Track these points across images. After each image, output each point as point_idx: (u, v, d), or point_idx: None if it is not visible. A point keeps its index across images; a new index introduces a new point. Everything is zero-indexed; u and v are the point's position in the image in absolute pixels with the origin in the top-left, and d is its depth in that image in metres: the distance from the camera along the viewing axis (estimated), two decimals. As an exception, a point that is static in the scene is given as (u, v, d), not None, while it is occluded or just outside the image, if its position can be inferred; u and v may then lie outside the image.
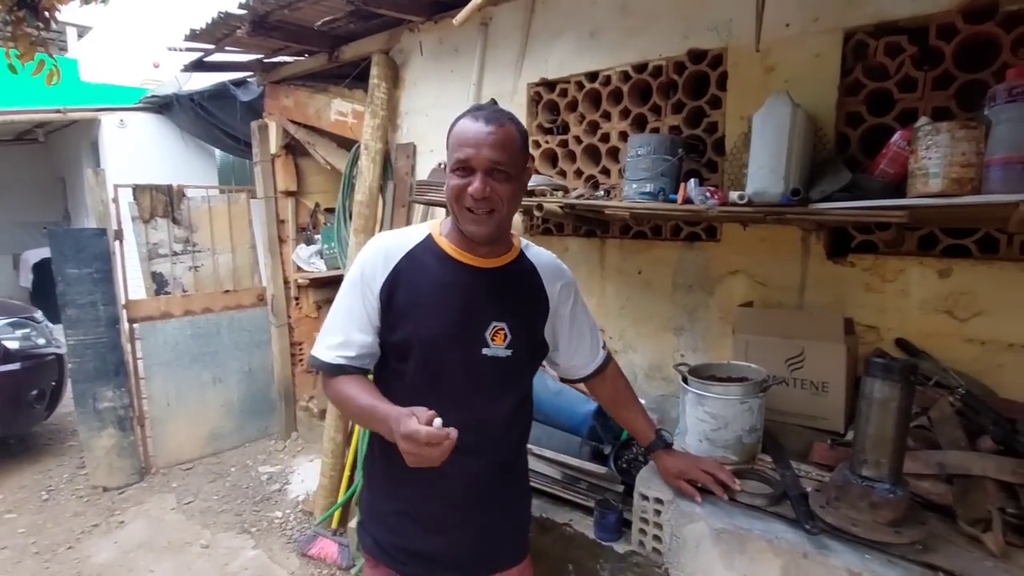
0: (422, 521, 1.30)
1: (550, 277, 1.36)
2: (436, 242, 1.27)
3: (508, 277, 1.30)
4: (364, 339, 1.24)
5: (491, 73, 2.62)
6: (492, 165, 1.15)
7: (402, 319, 1.22)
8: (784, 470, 1.49)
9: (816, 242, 1.83)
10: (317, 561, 2.79)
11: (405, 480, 1.29)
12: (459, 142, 1.17)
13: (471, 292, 1.25)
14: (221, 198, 4.19)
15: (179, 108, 5.66)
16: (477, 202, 1.16)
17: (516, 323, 1.27)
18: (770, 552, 1.31)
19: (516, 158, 1.19)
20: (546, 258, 1.39)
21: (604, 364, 1.52)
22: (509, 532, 1.41)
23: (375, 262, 1.24)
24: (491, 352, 1.24)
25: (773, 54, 1.83)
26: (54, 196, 8.98)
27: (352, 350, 1.24)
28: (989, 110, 1.25)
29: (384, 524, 1.34)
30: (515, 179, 1.20)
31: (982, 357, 1.58)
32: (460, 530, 1.31)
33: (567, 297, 1.38)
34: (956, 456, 1.34)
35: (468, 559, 1.33)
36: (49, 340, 4.09)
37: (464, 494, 1.29)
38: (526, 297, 1.32)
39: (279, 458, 4.01)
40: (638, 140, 1.82)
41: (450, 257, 1.25)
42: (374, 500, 1.38)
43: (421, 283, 1.23)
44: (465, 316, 1.23)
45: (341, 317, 1.26)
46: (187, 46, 3.46)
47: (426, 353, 1.22)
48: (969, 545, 1.21)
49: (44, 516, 3.27)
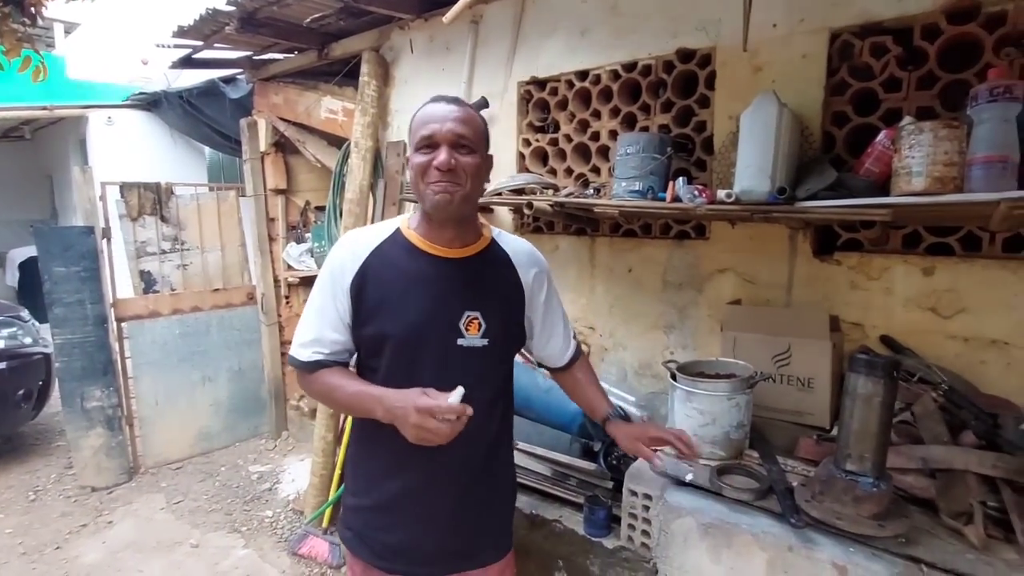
0: (403, 516, 1.30)
1: (524, 264, 1.35)
2: (404, 235, 1.27)
3: (480, 266, 1.29)
4: (337, 337, 1.25)
5: (481, 71, 2.62)
6: (456, 139, 1.16)
7: (373, 314, 1.22)
8: (771, 465, 1.51)
9: (803, 240, 1.85)
10: (308, 560, 2.78)
11: (386, 475, 1.29)
12: (423, 121, 1.19)
13: (442, 282, 1.25)
14: (210, 196, 4.16)
15: (168, 105, 5.62)
16: (443, 174, 1.16)
17: (491, 312, 1.27)
18: (756, 546, 1.33)
19: (479, 137, 1.21)
20: (519, 245, 1.38)
21: (575, 356, 1.51)
22: (491, 526, 1.40)
23: (343, 261, 1.24)
24: (467, 342, 1.24)
25: (761, 54, 1.84)
26: (41, 194, 8.88)
27: (326, 347, 1.25)
28: (971, 110, 1.27)
29: (365, 520, 1.33)
30: (479, 155, 1.21)
31: (965, 353, 1.61)
32: (441, 525, 1.31)
33: (541, 285, 1.38)
34: (939, 451, 1.36)
35: (450, 554, 1.33)
36: (36, 339, 4.04)
37: (445, 489, 1.29)
38: (500, 285, 1.32)
39: (269, 457, 3.99)
40: (628, 139, 1.83)
41: (419, 249, 1.25)
42: (355, 496, 1.37)
43: (390, 277, 1.23)
44: (437, 307, 1.23)
45: (313, 317, 1.26)
46: (175, 43, 3.43)
47: (400, 347, 1.22)
48: (951, 538, 1.24)
49: (31, 516, 3.24)
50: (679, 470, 1.52)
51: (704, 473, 1.49)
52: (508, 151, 2.56)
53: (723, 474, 1.47)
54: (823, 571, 1.23)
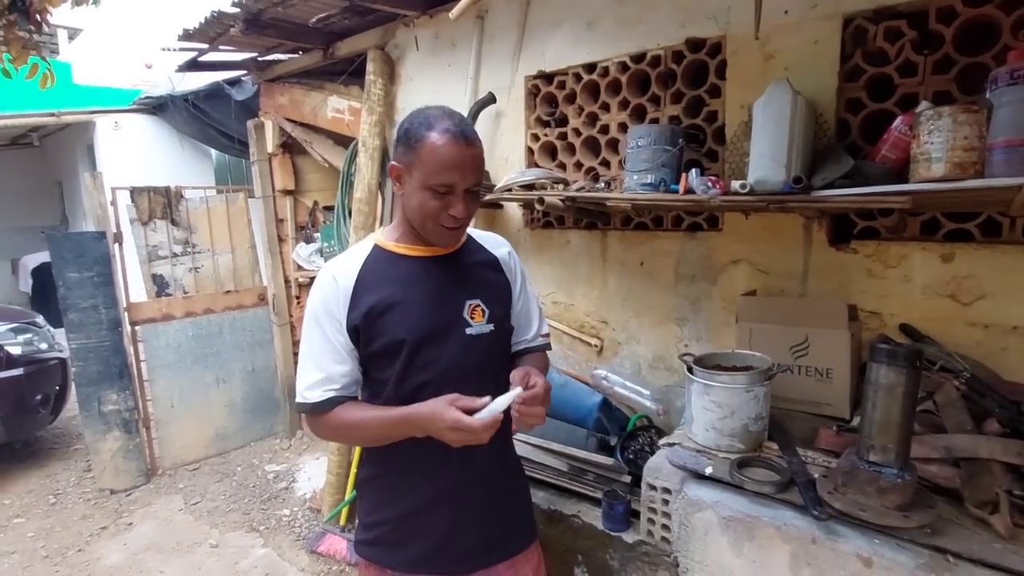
0: (439, 517, 1.30)
1: (495, 246, 1.41)
2: (385, 248, 1.29)
3: (465, 257, 1.34)
4: (343, 369, 1.25)
5: (488, 67, 2.61)
6: (472, 186, 1.20)
7: (382, 327, 1.22)
8: (791, 457, 1.49)
9: (818, 229, 1.83)
10: (326, 558, 2.81)
11: (418, 483, 1.30)
12: (442, 164, 1.15)
13: (438, 279, 1.28)
14: (219, 198, 4.18)
15: (174, 109, 5.64)
16: (458, 220, 1.20)
17: (489, 297, 1.31)
18: (779, 538, 1.32)
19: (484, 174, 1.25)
20: (487, 233, 1.46)
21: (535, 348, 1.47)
22: (515, 516, 1.43)
23: (327, 295, 1.24)
24: (475, 330, 1.27)
25: (772, 41, 1.82)
26: (51, 200, 8.95)
27: (336, 382, 1.24)
28: (991, 93, 1.25)
29: (393, 530, 1.33)
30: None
31: (986, 341, 1.59)
32: (477, 517, 1.32)
33: (515, 264, 1.43)
34: (962, 439, 1.35)
35: (484, 546, 1.34)
36: (51, 345, 4.09)
37: (477, 483, 1.31)
38: (487, 271, 1.36)
39: (285, 456, 4.02)
40: (638, 131, 1.82)
41: (404, 256, 1.28)
42: (378, 511, 1.36)
43: (387, 287, 1.24)
44: (440, 301, 1.26)
45: (313, 355, 1.25)
46: (181, 46, 3.44)
47: (414, 348, 1.23)
48: (977, 527, 1.22)
49: (52, 520, 3.28)
50: (698, 463, 1.51)
51: (724, 466, 1.48)
52: (517, 146, 2.55)
53: (743, 467, 1.46)
54: (848, 563, 1.22)
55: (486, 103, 2.50)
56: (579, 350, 2.48)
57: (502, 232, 2.59)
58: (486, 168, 2.51)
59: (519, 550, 1.40)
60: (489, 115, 2.58)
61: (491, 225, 2.62)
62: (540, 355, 1.48)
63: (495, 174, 2.54)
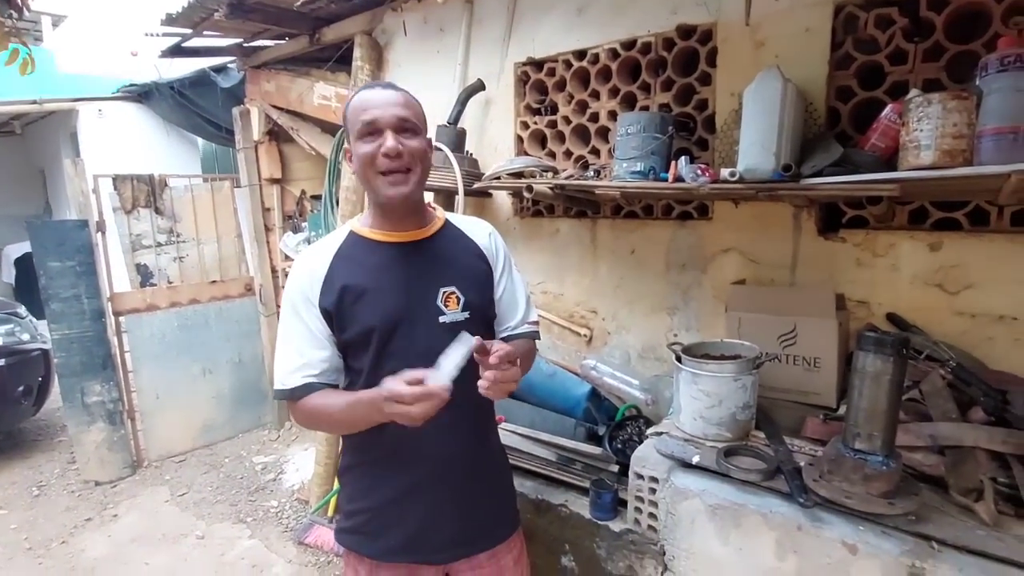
0: (415, 507, 1.29)
1: (477, 232, 1.38)
2: (359, 234, 1.28)
3: (442, 243, 1.31)
4: (322, 354, 1.24)
5: (477, 53, 2.58)
6: (400, 123, 1.17)
7: (354, 314, 1.22)
8: (777, 445, 1.50)
9: (807, 218, 1.83)
10: (314, 548, 2.79)
11: (391, 472, 1.29)
12: (361, 107, 1.17)
13: (411, 265, 1.26)
14: (204, 187, 4.12)
15: (158, 96, 5.55)
16: (392, 160, 1.16)
17: (465, 284, 1.28)
18: (765, 526, 1.32)
19: (421, 120, 1.23)
20: (469, 219, 1.43)
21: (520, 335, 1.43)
22: (496, 505, 1.41)
23: (302, 279, 1.24)
24: (448, 318, 1.25)
25: (763, 28, 1.80)
26: (34, 189, 8.80)
27: (314, 368, 1.23)
28: (980, 80, 1.24)
29: (372, 519, 1.32)
30: (423, 137, 1.22)
31: (972, 330, 1.59)
32: (453, 507, 1.31)
33: (496, 249, 1.39)
34: (948, 428, 1.35)
35: (463, 535, 1.34)
36: (34, 335, 4.03)
37: (446, 474, 1.29)
38: (465, 257, 1.33)
39: (273, 448, 3.99)
40: (628, 119, 1.80)
41: (378, 242, 1.26)
42: (357, 500, 1.35)
43: (359, 274, 1.23)
44: (413, 288, 1.24)
45: (291, 342, 1.25)
46: (164, 31, 3.37)
47: (385, 336, 1.22)
48: (961, 515, 1.23)
49: (35, 512, 3.24)
50: (685, 452, 1.51)
51: (711, 455, 1.48)
52: (506, 134, 2.53)
53: (730, 455, 1.46)
54: (833, 549, 1.23)
55: (475, 90, 2.47)
56: (568, 340, 2.47)
57: (491, 220, 2.57)
58: (474, 157, 2.49)
59: (500, 539, 1.39)
60: (478, 102, 2.55)
61: (480, 214, 2.59)
62: (525, 342, 1.43)
63: (484, 162, 2.51)
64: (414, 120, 1.19)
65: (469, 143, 2.53)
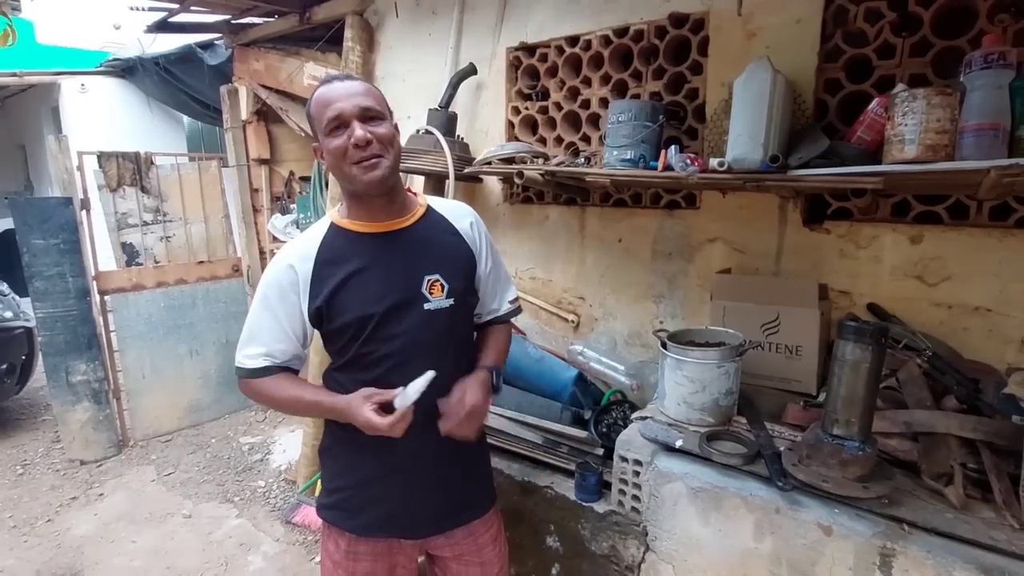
0: (392, 487, 1.33)
1: (458, 218, 1.38)
2: (341, 226, 1.29)
3: (424, 231, 1.32)
4: (284, 347, 1.28)
5: (469, 37, 2.56)
6: (364, 112, 1.18)
7: (340, 306, 1.24)
8: (758, 431, 1.53)
9: (793, 209, 1.85)
10: (301, 528, 2.82)
11: (370, 452, 1.31)
12: (324, 102, 1.19)
13: (395, 254, 1.27)
14: (191, 166, 4.07)
15: (143, 72, 5.43)
16: (363, 149, 1.17)
17: (449, 272, 1.30)
18: (744, 508, 1.36)
19: (384, 106, 1.24)
20: (451, 204, 1.43)
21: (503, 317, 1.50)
22: (473, 485, 1.46)
23: (281, 278, 1.26)
24: (433, 305, 1.27)
25: (755, 19, 1.81)
26: (14, 164, 8.61)
27: (276, 357, 1.28)
28: (964, 77, 1.27)
29: (351, 496, 1.36)
30: (390, 123, 1.23)
31: (949, 320, 1.64)
32: (430, 489, 1.35)
33: (478, 234, 1.40)
34: (922, 415, 1.40)
35: (440, 514, 1.38)
36: (17, 313, 3.98)
37: (425, 458, 1.32)
38: (448, 244, 1.34)
39: (260, 429, 4.00)
40: (619, 106, 1.81)
41: (360, 233, 1.28)
42: (337, 478, 1.40)
43: (344, 266, 1.24)
44: (397, 277, 1.26)
45: (257, 332, 1.29)
46: (150, 5, 3.30)
47: (373, 326, 1.24)
48: (932, 498, 1.27)
49: (20, 490, 3.23)
50: (669, 436, 1.54)
51: (693, 439, 1.51)
52: (497, 119, 2.52)
53: (712, 440, 1.50)
54: (809, 531, 1.27)
55: (467, 74, 2.46)
56: (556, 325, 2.49)
57: (481, 206, 2.57)
58: (465, 141, 2.48)
59: (476, 516, 1.44)
60: (470, 87, 2.54)
61: (470, 199, 2.59)
62: (503, 328, 1.50)
63: (475, 147, 2.51)
64: (378, 107, 1.20)
65: (460, 127, 2.53)
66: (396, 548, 1.38)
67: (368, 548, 1.36)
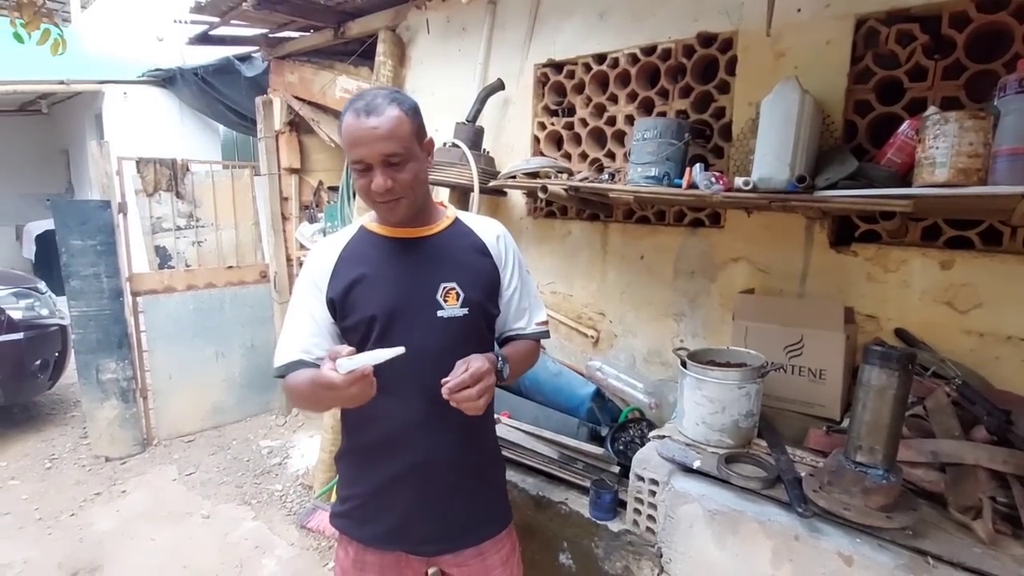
0: (401, 497, 1.32)
1: (486, 231, 1.39)
2: (369, 229, 1.33)
3: (448, 240, 1.34)
4: (315, 340, 1.28)
5: (498, 53, 2.60)
6: (385, 158, 1.18)
7: (354, 303, 1.26)
8: (779, 455, 1.51)
9: (820, 231, 1.83)
10: (316, 533, 2.84)
11: (380, 459, 1.32)
12: (350, 141, 1.19)
13: (414, 260, 1.29)
14: (225, 174, 4.18)
15: (183, 82, 5.63)
16: (383, 195, 1.20)
17: (466, 281, 1.30)
18: (762, 534, 1.33)
19: (407, 141, 1.20)
20: (481, 218, 1.44)
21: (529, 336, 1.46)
22: (485, 503, 1.42)
23: (315, 267, 1.30)
24: (446, 313, 1.27)
25: (784, 39, 1.81)
26: (57, 168, 8.96)
27: (307, 352, 1.27)
28: (998, 101, 1.25)
29: (362, 505, 1.35)
30: (413, 159, 1.22)
31: (979, 349, 1.59)
32: (440, 501, 1.33)
33: (505, 249, 1.40)
34: (950, 445, 1.35)
35: (446, 534, 1.36)
36: (52, 311, 4.11)
37: (432, 469, 1.31)
38: (470, 255, 1.35)
39: (280, 433, 4.05)
40: (644, 124, 1.82)
41: (385, 237, 1.31)
42: (351, 485, 1.39)
43: (364, 266, 1.28)
44: (413, 281, 1.28)
45: (291, 328, 1.30)
46: (192, 19, 3.43)
47: (383, 326, 1.25)
48: (959, 532, 1.23)
49: (47, 484, 3.32)
50: (687, 457, 1.52)
51: (712, 460, 1.49)
52: (523, 134, 2.55)
53: (731, 462, 1.48)
54: (829, 560, 1.24)
55: (494, 89, 2.49)
56: (575, 340, 2.48)
57: (505, 219, 2.59)
58: (491, 155, 2.51)
59: (487, 536, 1.40)
60: (497, 102, 2.57)
61: (495, 212, 2.62)
62: (530, 342, 1.47)
63: (500, 161, 2.53)
64: (401, 151, 1.18)
65: (486, 141, 2.56)
66: (404, 562, 1.36)
67: (376, 559, 1.35)
